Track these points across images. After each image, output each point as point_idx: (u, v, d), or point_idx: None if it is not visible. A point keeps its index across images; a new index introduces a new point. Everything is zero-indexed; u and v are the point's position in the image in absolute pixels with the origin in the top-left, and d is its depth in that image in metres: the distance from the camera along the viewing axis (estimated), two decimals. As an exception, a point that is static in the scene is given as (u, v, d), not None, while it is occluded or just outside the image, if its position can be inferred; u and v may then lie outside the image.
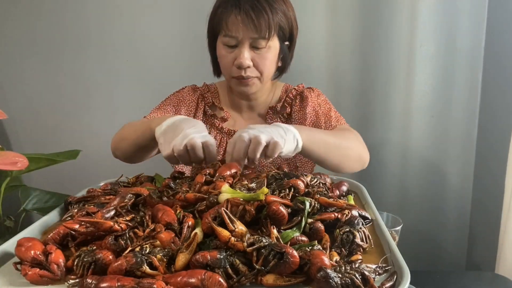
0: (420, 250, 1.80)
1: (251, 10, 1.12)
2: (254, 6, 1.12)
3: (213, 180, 0.86)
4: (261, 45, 1.15)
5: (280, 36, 1.18)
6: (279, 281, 0.58)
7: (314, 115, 1.29)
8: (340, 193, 0.94)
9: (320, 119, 1.29)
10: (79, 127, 1.86)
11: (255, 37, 1.13)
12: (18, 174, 1.09)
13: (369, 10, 1.64)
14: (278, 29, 1.16)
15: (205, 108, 1.32)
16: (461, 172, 1.74)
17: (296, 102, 1.32)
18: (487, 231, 1.74)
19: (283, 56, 1.23)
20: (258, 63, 1.17)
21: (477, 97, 1.66)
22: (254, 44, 1.15)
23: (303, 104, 1.30)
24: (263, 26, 1.12)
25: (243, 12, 1.12)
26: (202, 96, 1.33)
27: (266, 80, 1.23)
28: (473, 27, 1.60)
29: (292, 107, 1.31)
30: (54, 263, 0.62)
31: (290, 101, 1.32)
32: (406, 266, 0.61)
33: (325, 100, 1.34)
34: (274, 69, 1.24)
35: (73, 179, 1.51)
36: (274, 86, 1.35)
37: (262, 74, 1.20)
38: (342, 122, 1.31)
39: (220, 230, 0.63)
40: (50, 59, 1.79)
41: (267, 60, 1.18)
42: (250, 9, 1.12)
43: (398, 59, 1.66)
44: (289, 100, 1.32)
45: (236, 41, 1.15)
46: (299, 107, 1.31)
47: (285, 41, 1.22)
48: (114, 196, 0.85)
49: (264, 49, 1.16)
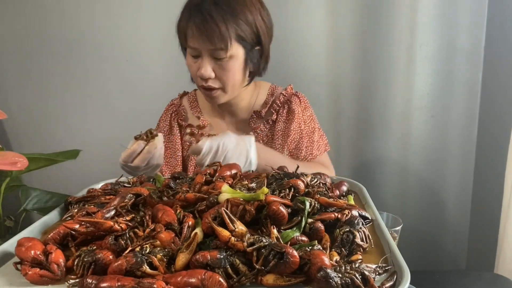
0: (420, 250, 1.80)
1: (202, 23, 1.10)
2: (205, 19, 1.10)
3: (213, 180, 0.86)
4: (221, 56, 1.13)
5: (244, 43, 1.15)
6: (279, 281, 0.58)
7: (298, 134, 1.27)
8: (340, 193, 0.94)
9: (303, 140, 1.27)
10: (79, 127, 1.86)
11: (212, 49, 1.12)
12: (18, 174, 1.08)
13: (369, 10, 1.64)
14: (237, 38, 1.13)
15: (179, 121, 1.35)
16: (461, 172, 1.74)
17: (283, 112, 1.29)
18: (487, 231, 1.74)
19: (255, 61, 1.20)
20: (220, 74, 1.16)
21: (477, 97, 1.66)
22: (214, 55, 1.13)
23: (289, 117, 1.28)
24: (216, 39, 1.10)
25: (195, 25, 1.11)
26: (175, 113, 1.36)
27: (232, 90, 1.21)
28: (473, 27, 1.60)
29: (278, 114, 1.29)
30: (54, 263, 0.62)
31: (277, 108, 1.29)
32: (406, 266, 0.61)
33: (311, 116, 1.32)
34: (241, 77, 1.20)
35: (73, 179, 1.51)
36: (258, 87, 1.33)
37: (225, 85, 1.18)
38: (322, 151, 1.30)
39: (220, 230, 0.63)
40: (50, 59, 1.79)
41: (229, 71, 1.15)
42: (201, 22, 1.10)
43: (398, 59, 1.66)
44: (276, 106, 1.29)
45: (197, 51, 1.14)
46: (285, 118, 1.29)
47: (254, 46, 1.18)
48: (114, 196, 0.84)
49: (226, 59, 1.13)
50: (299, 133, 1.28)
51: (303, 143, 1.27)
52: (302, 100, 1.32)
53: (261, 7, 1.18)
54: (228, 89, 1.19)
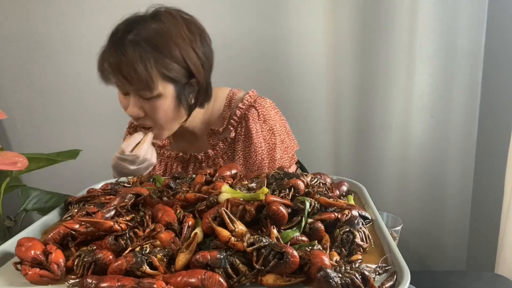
0: (420, 250, 1.80)
1: (117, 64, 1.01)
2: (120, 60, 1.00)
3: (213, 180, 0.86)
4: (146, 96, 1.04)
5: (174, 79, 1.05)
6: (279, 281, 0.58)
7: (259, 155, 1.18)
8: (340, 193, 0.94)
9: (264, 161, 1.18)
10: (79, 127, 1.86)
11: (135, 89, 1.04)
12: (18, 174, 1.08)
13: (369, 10, 1.64)
14: (163, 76, 1.03)
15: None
16: (461, 172, 1.74)
17: (241, 131, 1.18)
18: (487, 231, 1.73)
19: (190, 96, 1.10)
20: (150, 113, 1.08)
21: (477, 97, 1.66)
22: (140, 94, 1.05)
23: (248, 136, 1.18)
24: (135, 81, 1.01)
25: (110, 66, 1.03)
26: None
27: (169, 127, 1.13)
28: (473, 27, 1.60)
29: (236, 133, 1.19)
30: (54, 263, 0.62)
31: (235, 124, 1.20)
32: (406, 266, 0.61)
33: (271, 129, 1.20)
34: (175, 114, 1.11)
35: (73, 179, 1.51)
36: (214, 97, 1.21)
37: (157, 124, 1.10)
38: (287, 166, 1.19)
39: (220, 230, 0.63)
40: (50, 59, 1.79)
41: (159, 109, 1.06)
42: (116, 63, 1.01)
43: (398, 59, 1.66)
44: (234, 122, 1.20)
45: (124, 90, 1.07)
46: (243, 137, 1.19)
47: (188, 79, 1.08)
48: (114, 196, 0.84)
49: (153, 98, 1.04)
50: (260, 154, 1.18)
51: (264, 163, 1.19)
52: (261, 111, 1.20)
53: (193, 37, 1.06)
54: (163, 127, 1.11)
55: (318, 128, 1.80)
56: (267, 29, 1.72)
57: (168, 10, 1.08)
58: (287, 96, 1.75)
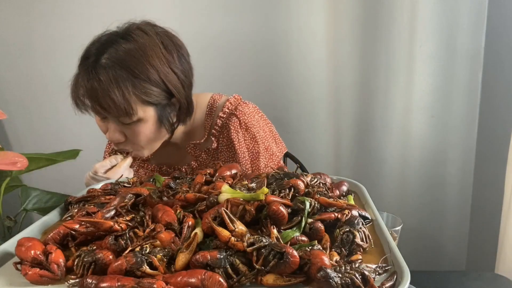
0: (420, 250, 1.80)
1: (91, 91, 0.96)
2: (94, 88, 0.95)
3: (213, 180, 0.86)
4: (126, 121, 1.00)
5: (154, 103, 1.01)
6: (279, 281, 0.58)
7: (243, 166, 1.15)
8: (340, 193, 0.94)
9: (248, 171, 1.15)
10: (79, 127, 1.86)
11: (113, 116, 1.00)
12: (18, 174, 1.08)
13: (369, 10, 1.64)
14: (142, 101, 0.98)
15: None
16: (461, 172, 1.74)
17: (223, 141, 1.14)
18: (487, 231, 1.74)
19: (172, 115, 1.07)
20: (130, 137, 1.04)
21: (477, 97, 1.66)
22: (120, 119, 1.01)
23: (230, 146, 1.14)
24: (113, 109, 0.96)
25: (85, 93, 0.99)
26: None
27: (151, 147, 1.10)
28: (473, 27, 1.60)
29: (219, 143, 1.15)
30: (54, 263, 0.62)
31: (216, 134, 1.16)
32: (406, 266, 0.61)
33: (253, 137, 1.16)
34: (157, 135, 1.08)
35: (73, 179, 1.51)
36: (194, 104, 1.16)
37: (139, 146, 1.07)
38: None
39: (220, 230, 0.63)
40: (50, 59, 1.79)
41: (140, 133, 1.03)
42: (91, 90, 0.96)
43: (398, 59, 1.66)
44: (216, 132, 1.16)
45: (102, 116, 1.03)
46: (226, 147, 1.15)
47: (169, 99, 1.04)
48: (114, 196, 0.84)
49: (134, 123, 1.01)
50: (244, 164, 1.15)
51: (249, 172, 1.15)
52: (242, 118, 1.15)
53: (171, 57, 1.01)
54: (143, 148, 1.09)
55: (318, 128, 1.80)
56: (267, 30, 1.73)
57: (140, 27, 1.03)
58: (287, 97, 1.75)
